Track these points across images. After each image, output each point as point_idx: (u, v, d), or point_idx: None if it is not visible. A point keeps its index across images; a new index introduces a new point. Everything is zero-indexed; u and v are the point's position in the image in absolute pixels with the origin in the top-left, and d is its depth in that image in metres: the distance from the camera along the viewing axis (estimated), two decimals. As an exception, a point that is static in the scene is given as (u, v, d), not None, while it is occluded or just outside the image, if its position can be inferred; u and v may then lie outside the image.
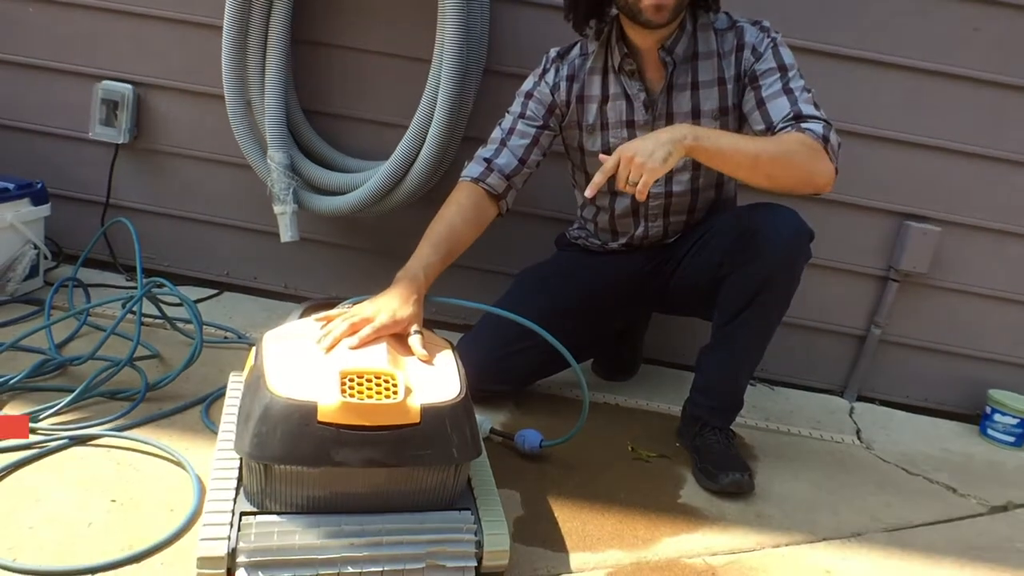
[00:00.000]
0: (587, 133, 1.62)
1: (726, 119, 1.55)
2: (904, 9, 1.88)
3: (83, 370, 1.55)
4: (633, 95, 1.56)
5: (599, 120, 1.60)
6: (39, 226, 1.98)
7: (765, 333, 1.51)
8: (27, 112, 2.14)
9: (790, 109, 1.43)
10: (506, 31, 1.96)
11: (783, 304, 1.49)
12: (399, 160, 1.87)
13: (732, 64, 1.52)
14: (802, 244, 1.45)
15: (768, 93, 1.47)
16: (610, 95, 1.58)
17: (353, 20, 2.00)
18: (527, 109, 1.60)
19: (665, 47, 1.50)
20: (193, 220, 2.18)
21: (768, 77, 1.47)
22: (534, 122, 1.60)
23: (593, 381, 1.96)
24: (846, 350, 2.11)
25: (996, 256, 2.01)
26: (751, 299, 1.45)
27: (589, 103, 1.60)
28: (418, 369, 1.14)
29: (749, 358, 1.55)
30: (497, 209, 1.58)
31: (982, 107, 1.92)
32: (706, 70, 1.53)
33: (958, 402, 2.11)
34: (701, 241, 1.60)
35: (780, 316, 1.50)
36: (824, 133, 1.39)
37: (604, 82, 1.58)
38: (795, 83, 1.46)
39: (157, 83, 2.08)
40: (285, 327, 1.24)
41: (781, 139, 1.40)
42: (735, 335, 1.51)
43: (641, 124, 1.57)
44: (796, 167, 1.36)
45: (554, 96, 1.60)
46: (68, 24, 2.07)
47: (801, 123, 1.40)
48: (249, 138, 1.92)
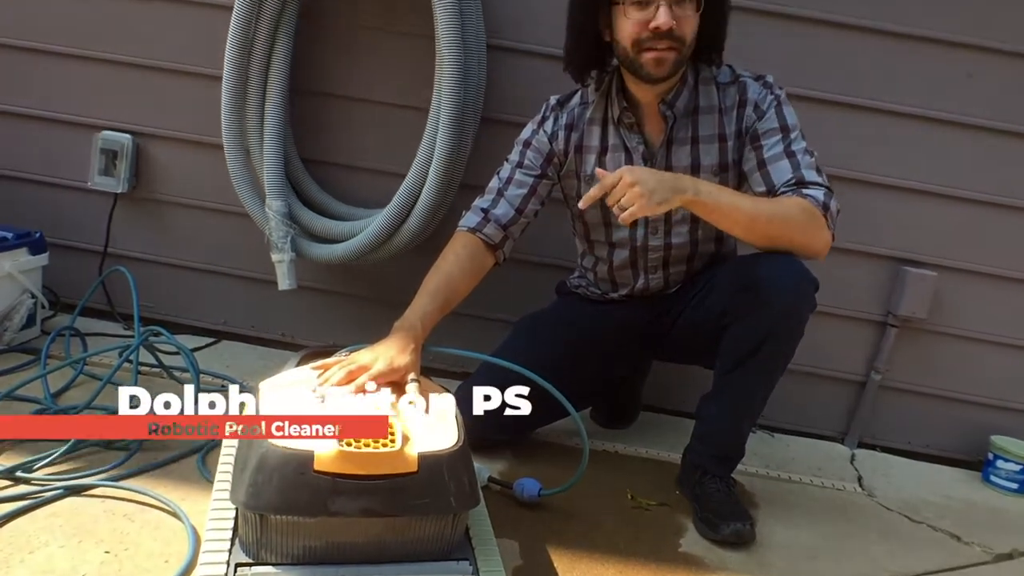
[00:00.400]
0: (585, 183, 1.62)
1: (726, 175, 1.55)
2: (897, 55, 1.92)
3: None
4: (632, 148, 1.57)
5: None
6: (37, 275, 1.98)
7: (768, 383, 1.50)
8: (27, 162, 2.17)
9: (792, 174, 1.43)
10: (503, 79, 2.00)
11: (787, 355, 1.47)
12: (397, 208, 1.88)
13: (734, 120, 1.52)
14: (806, 294, 1.43)
15: (770, 155, 1.47)
16: (609, 146, 1.59)
17: (351, 70, 2.04)
18: (525, 158, 1.62)
19: (666, 101, 1.51)
20: (191, 269, 2.19)
21: (770, 138, 1.47)
22: (532, 171, 1.61)
23: (592, 428, 1.94)
24: (846, 396, 2.10)
25: (995, 301, 2.02)
26: (755, 349, 1.43)
27: (588, 154, 1.60)
28: (415, 417, 1.13)
29: (751, 408, 1.53)
30: (494, 259, 1.59)
31: (978, 152, 1.95)
32: (707, 125, 1.53)
33: (960, 448, 2.10)
34: (704, 290, 1.60)
35: (784, 366, 1.48)
36: (825, 200, 1.39)
37: (603, 133, 1.59)
38: (797, 145, 1.46)
39: (157, 133, 2.12)
40: (282, 375, 1.24)
41: (781, 202, 1.41)
42: (737, 384, 1.49)
43: None
44: (793, 231, 1.38)
45: (552, 145, 1.61)
46: (69, 75, 2.11)
47: (803, 189, 1.41)
48: (247, 187, 1.94)
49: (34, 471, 1.34)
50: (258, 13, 1.86)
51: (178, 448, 1.49)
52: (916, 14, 1.90)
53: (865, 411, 2.08)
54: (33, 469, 1.34)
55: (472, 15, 1.84)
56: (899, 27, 1.91)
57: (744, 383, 1.49)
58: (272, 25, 1.88)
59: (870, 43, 1.92)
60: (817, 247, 1.41)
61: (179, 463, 1.46)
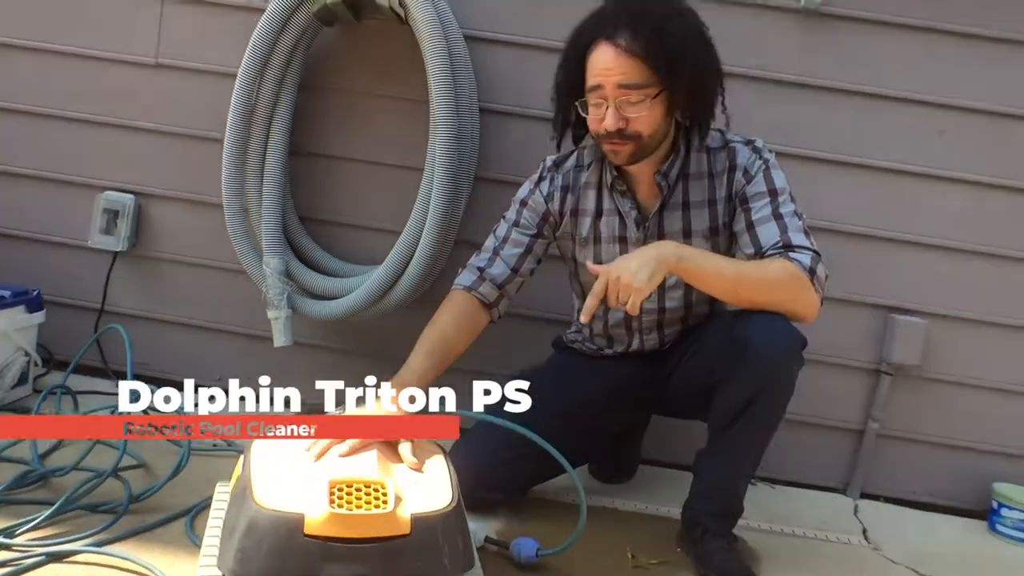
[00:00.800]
0: (580, 246, 1.63)
1: (717, 239, 1.55)
2: (874, 114, 1.99)
3: (65, 481, 1.50)
4: (625, 212, 1.58)
5: (592, 234, 1.61)
6: (32, 333, 1.98)
7: (761, 440, 1.48)
8: (28, 221, 2.19)
9: (779, 237, 1.43)
10: (496, 140, 2.04)
11: (778, 412, 1.46)
12: (392, 265, 1.90)
13: (724, 185, 1.52)
14: (794, 353, 1.42)
15: (758, 217, 1.47)
16: (604, 210, 1.60)
17: (348, 132, 2.09)
18: (521, 217, 1.63)
19: (661, 171, 1.52)
20: (187, 326, 2.19)
21: (758, 200, 1.48)
22: (528, 231, 1.62)
23: (590, 484, 1.91)
24: (845, 446, 2.08)
25: (988, 347, 2.03)
26: (745, 407, 1.42)
27: (583, 216, 1.61)
28: (409, 477, 1.12)
29: (746, 464, 1.51)
30: (489, 317, 1.59)
31: (956, 204, 2.00)
32: (697, 190, 1.54)
33: (964, 497, 2.07)
34: (695, 347, 1.60)
35: (776, 424, 1.47)
36: (811, 265, 1.39)
37: (599, 196, 1.60)
38: (785, 208, 1.47)
39: (158, 193, 2.15)
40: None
41: (766, 266, 1.41)
42: (731, 442, 1.47)
43: (633, 241, 1.58)
44: (777, 294, 1.39)
45: (548, 205, 1.62)
46: (73, 137, 2.15)
47: (789, 252, 1.41)
48: (246, 244, 1.96)
49: (16, 536, 1.30)
50: (260, 80, 1.91)
51: (166, 511, 1.46)
52: (891, 77, 1.98)
53: (865, 461, 2.06)
54: (15, 534, 1.30)
55: (465, 80, 1.89)
56: (875, 88, 1.99)
57: (737, 441, 1.47)
58: (274, 91, 1.93)
59: (850, 103, 2.00)
60: (803, 311, 1.41)
61: (167, 527, 1.42)
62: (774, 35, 1.99)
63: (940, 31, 1.95)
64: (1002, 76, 1.96)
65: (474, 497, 1.44)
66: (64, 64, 2.13)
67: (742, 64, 1.97)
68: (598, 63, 1.40)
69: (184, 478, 1.55)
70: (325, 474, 1.04)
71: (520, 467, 1.58)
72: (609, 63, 1.38)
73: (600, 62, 1.40)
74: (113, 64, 2.11)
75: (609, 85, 1.39)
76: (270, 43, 1.88)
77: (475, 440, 1.61)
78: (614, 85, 1.38)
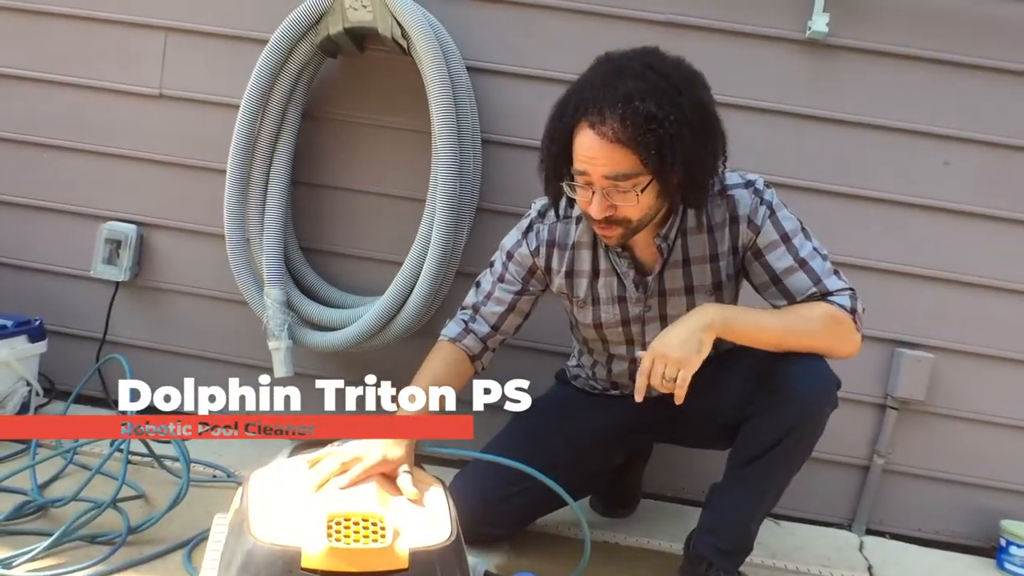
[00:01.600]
0: (578, 307, 1.58)
1: (721, 293, 1.50)
2: (878, 146, 1.99)
3: (64, 512, 1.50)
4: (623, 273, 1.51)
5: (590, 295, 1.55)
6: (33, 363, 1.98)
7: (785, 478, 1.45)
8: (31, 251, 2.20)
9: (814, 287, 1.39)
10: (498, 170, 2.05)
11: (806, 451, 1.44)
12: (393, 296, 1.90)
13: (726, 238, 1.44)
14: (830, 393, 1.42)
15: (781, 269, 1.41)
16: (600, 270, 1.53)
17: (350, 163, 2.10)
18: (507, 271, 1.57)
19: (660, 234, 1.44)
20: (188, 356, 2.19)
21: (774, 251, 1.41)
22: (512, 287, 1.57)
23: (592, 517, 1.89)
24: (850, 481, 2.06)
25: (995, 382, 2.01)
26: (775, 443, 1.39)
27: (579, 278, 1.54)
28: (408, 510, 1.11)
29: (764, 503, 1.48)
30: (474, 369, 1.58)
31: (961, 236, 1.99)
32: (696, 246, 1.46)
33: (971, 534, 2.04)
34: (720, 378, 1.51)
35: (801, 463, 1.44)
36: (852, 305, 1.37)
37: (594, 257, 1.52)
38: (805, 251, 1.41)
39: (160, 223, 2.16)
40: (273, 467, 1.22)
41: (809, 312, 1.37)
42: (753, 478, 1.44)
43: (633, 300, 1.52)
44: (822, 341, 1.37)
45: (535, 260, 1.55)
46: (77, 168, 2.17)
47: (827, 296, 1.38)
48: (247, 275, 1.96)
49: (13, 567, 1.30)
50: (263, 111, 1.93)
51: (164, 543, 1.45)
52: (895, 108, 1.99)
53: (870, 496, 2.03)
54: (13, 565, 1.30)
55: (467, 111, 1.90)
56: (880, 120, 1.99)
57: (759, 478, 1.44)
58: (276, 121, 1.96)
59: (855, 134, 2.00)
60: (847, 351, 1.40)
61: (165, 559, 1.41)
62: (779, 66, 2.00)
63: (946, 62, 1.96)
64: (1008, 107, 1.97)
65: (475, 534, 1.43)
66: (68, 95, 2.16)
67: (746, 95, 1.99)
68: (582, 148, 1.28)
69: (183, 509, 1.54)
70: (323, 507, 1.03)
71: (522, 502, 1.56)
72: (595, 152, 1.26)
73: (585, 148, 1.27)
74: (117, 95, 2.14)
75: (595, 175, 1.27)
76: (273, 74, 1.90)
77: (474, 475, 1.60)
78: (600, 175, 1.27)
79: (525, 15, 2.03)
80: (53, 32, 2.15)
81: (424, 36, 1.81)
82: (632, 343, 1.57)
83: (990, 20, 1.95)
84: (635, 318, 1.53)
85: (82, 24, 2.14)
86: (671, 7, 1.99)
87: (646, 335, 1.53)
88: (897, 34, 1.97)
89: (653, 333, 1.43)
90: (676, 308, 1.49)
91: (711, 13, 1.99)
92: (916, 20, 1.96)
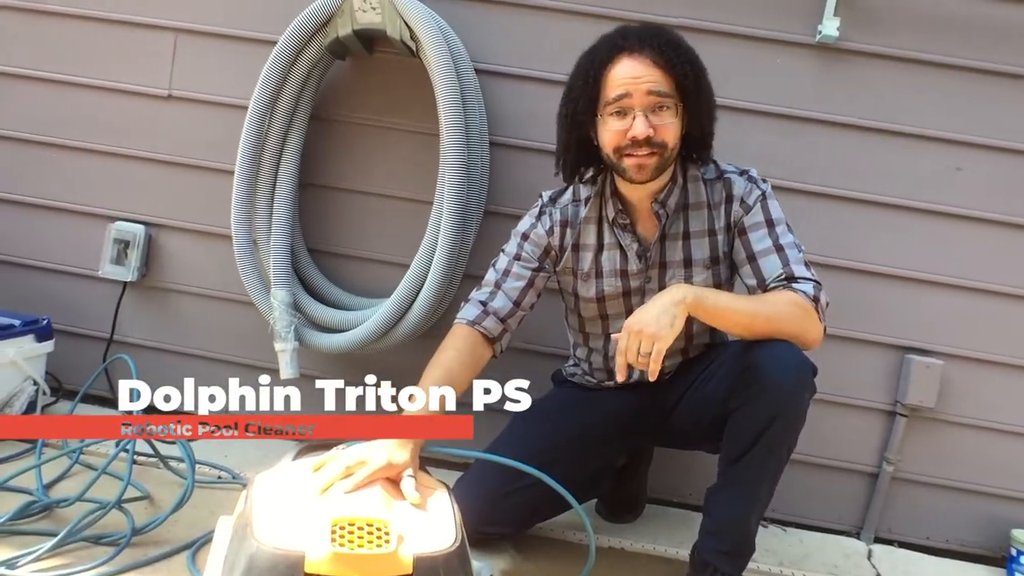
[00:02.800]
0: (582, 280, 1.64)
1: (717, 268, 1.57)
2: (889, 151, 1.98)
3: (69, 512, 1.50)
4: (626, 246, 1.59)
5: (594, 268, 1.62)
6: (40, 362, 1.99)
7: (775, 471, 1.46)
8: (40, 250, 2.21)
9: (782, 269, 1.46)
10: (505, 173, 2.05)
11: (791, 440, 1.45)
12: (400, 298, 1.89)
13: (722, 215, 1.55)
14: (807, 379, 1.43)
15: (759, 249, 1.50)
16: (605, 244, 1.61)
17: (357, 164, 2.10)
18: (523, 251, 1.63)
19: (659, 200, 1.54)
20: (195, 356, 2.19)
21: (757, 231, 1.51)
22: (529, 264, 1.62)
23: (597, 522, 1.88)
24: (859, 488, 2.04)
25: (1005, 389, 1.99)
26: (758, 436, 1.41)
27: (584, 251, 1.62)
28: (412, 515, 1.10)
29: (760, 498, 1.48)
30: (492, 352, 1.59)
31: (973, 242, 1.98)
32: (696, 220, 1.56)
33: (981, 542, 2.02)
34: (703, 376, 1.59)
35: (789, 453, 1.45)
36: (815, 294, 1.43)
37: (599, 231, 1.61)
38: (785, 239, 1.49)
39: (168, 223, 2.16)
40: (277, 470, 1.22)
41: (775, 300, 1.43)
42: (743, 474, 1.45)
43: (635, 272, 1.59)
44: (788, 327, 1.41)
45: (550, 240, 1.63)
46: (85, 167, 2.18)
47: (793, 283, 1.44)
48: (254, 276, 1.96)
49: (18, 568, 1.30)
50: (272, 112, 1.93)
51: (168, 545, 1.45)
52: (907, 113, 1.97)
53: (879, 504, 2.01)
54: (18, 565, 1.30)
55: (475, 113, 1.90)
56: (891, 124, 1.98)
57: (750, 473, 1.45)
58: (285, 123, 1.96)
59: (866, 139, 1.99)
60: (810, 339, 1.43)
61: (169, 560, 1.41)
62: (790, 70, 1.99)
63: (958, 67, 1.95)
64: (1019, 113, 1.95)
65: (478, 532, 1.46)
66: (77, 95, 2.17)
67: (758, 99, 1.99)
68: (624, 73, 1.42)
69: (188, 511, 1.54)
70: (327, 512, 1.03)
71: (524, 500, 1.56)
72: (638, 71, 1.41)
73: (626, 71, 1.42)
74: (126, 95, 2.15)
75: (638, 92, 1.40)
76: (281, 75, 1.90)
77: (478, 473, 1.61)
78: (643, 92, 1.40)
79: (534, 18, 2.03)
80: (62, 32, 2.16)
81: (433, 38, 1.81)
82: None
83: (1002, 25, 1.94)
84: (636, 289, 1.60)
85: (91, 25, 2.15)
86: (682, 11, 1.98)
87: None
88: (908, 38, 1.96)
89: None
90: (675, 280, 1.57)
91: (722, 17, 1.98)
92: (927, 24, 1.95)
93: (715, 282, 1.58)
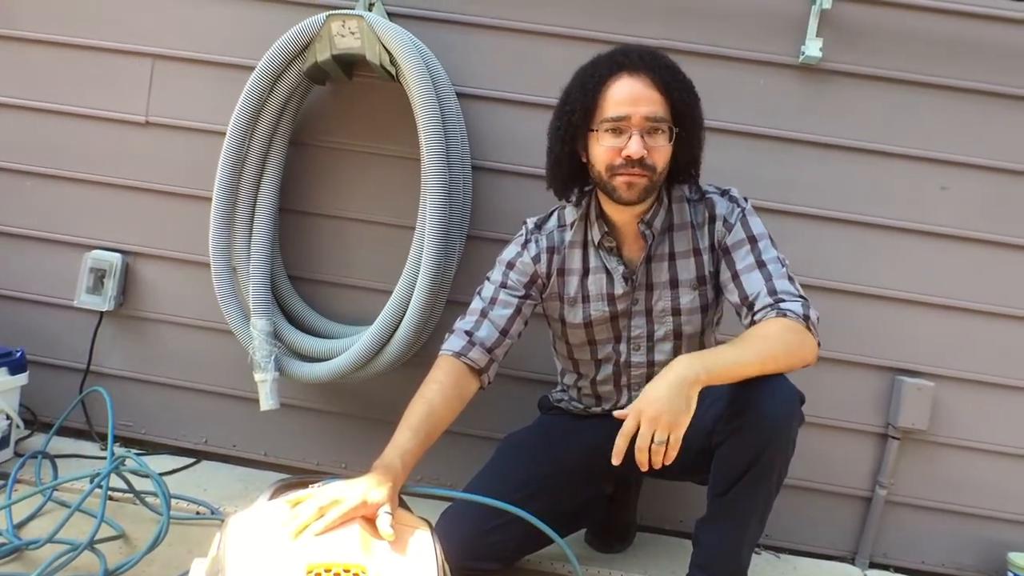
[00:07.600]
0: (568, 305, 1.62)
1: (704, 288, 1.56)
2: (874, 170, 1.97)
3: (40, 554, 1.45)
4: (612, 269, 1.57)
5: (580, 293, 1.60)
6: (14, 395, 1.93)
7: (765, 502, 1.43)
8: (14, 280, 2.16)
9: (765, 286, 1.45)
10: (488, 198, 2.02)
11: (781, 471, 1.42)
12: (383, 325, 1.86)
13: (706, 235, 1.55)
14: (794, 408, 1.41)
15: (742, 266, 1.49)
16: (590, 268, 1.59)
17: (338, 189, 2.07)
18: (508, 279, 1.60)
19: (645, 220, 1.53)
20: (173, 386, 2.14)
21: (740, 248, 1.50)
22: (516, 292, 1.59)
23: (587, 553, 1.84)
24: (852, 513, 2.01)
25: (998, 411, 1.97)
26: (748, 468, 1.38)
27: (570, 276, 1.61)
28: (391, 558, 1.06)
29: (751, 529, 1.45)
30: (479, 383, 1.55)
31: (960, 261, 1.96)
32: (681, 241, 1.56)
33: (978, 566, 1.99)
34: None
35: (778, 485, 1.42)
36: (804, 312, 1.40)
37: (584, 255, 1.60)
38: (767, 254, 1.49)
39: (146, 251, 2.12)
40: (252, 511, 1.17)
41: (770, 333, 1.39)
42: (734, 506, 1.42)
43: (620, 295, 1.57)
44: (791, 356, 1.38)
45: (536, 267, 1.60)
46: (61, 195, 2.14)
47: (780, 304, 1.41)
48: (233, 305, 1.92)
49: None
50: (250, 138, 1.90)
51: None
52: (891, 132, 1.97)
53: (873, 528, 1.98)
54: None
55: (456, 137, 1.87)
56: (876, 144, 1.97)
57: (739, 505, 1.42)
58: (263, 148, 1.93)
59: (851, 160, 1.98)
60: (810, 360, 1.41)
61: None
62: (773, 91, 1.98)
63: (941, 86, 1.95)
64: (1005, 132, 1.95)
65: (463, 568, 1.42)
66: (53, 121, 2.13)
67: (741, 120, 1.98)
68: (623, 93, 1.42)
69: (163, 550, 1.50)
70: (303, 557, 0.99)
71: (508, 535, 1.52)
72: (637, 93, 1.41)
73: (626, 91, 1.42)
74: (102, 122, 2.12)
75: (636, 116, 1.41)
76: (259, 101, 1.88)
77: (461, 509, 1.56)
78: (641, 116, 1.41)
79: (515, 41, 2.02)
80: (37, 59, 2.13)
81: (412, 62, 1.79)
82: (619, 340, 1.61)
83: (986, 44, 1.93)
84: (623, 312, 1.59)
85: (67, 51, 2.12)
86: (664, 32, 1.98)
87: (632, 329, 1.58)
88: (891, 58, 1.95)
89: (639, 327, 1.57)
90: (662, 302, 1.56)
91: (705, 38, 1.98)
92: (910, 44, 1.95)
93: (702, 303, 1.56)
